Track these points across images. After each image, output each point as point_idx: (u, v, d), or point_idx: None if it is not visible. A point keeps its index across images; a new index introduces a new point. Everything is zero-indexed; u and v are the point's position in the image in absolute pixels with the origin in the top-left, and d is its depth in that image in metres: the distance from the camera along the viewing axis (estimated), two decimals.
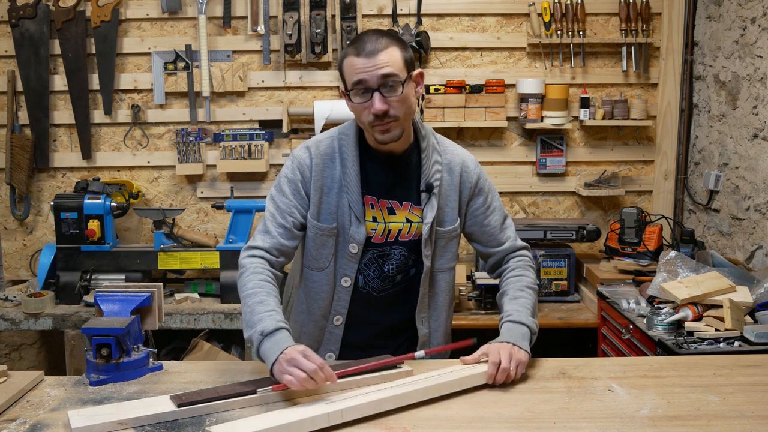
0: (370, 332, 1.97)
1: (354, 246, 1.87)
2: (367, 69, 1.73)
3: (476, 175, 1.96)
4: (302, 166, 1.88)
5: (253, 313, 1.71)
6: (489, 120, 3.60)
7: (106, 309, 1.86)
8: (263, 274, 1.80)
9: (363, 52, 1.73)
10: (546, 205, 3.80)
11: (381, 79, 1.73)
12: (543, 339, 3.67)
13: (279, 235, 1.86)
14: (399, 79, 1.75)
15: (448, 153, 1.95)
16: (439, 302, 1.99)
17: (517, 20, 3.65)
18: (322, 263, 1.90)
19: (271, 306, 1.72)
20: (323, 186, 1.87)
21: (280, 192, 1.90)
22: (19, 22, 3.55)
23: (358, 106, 1.77)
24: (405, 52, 1.79)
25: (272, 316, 1.69)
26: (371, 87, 1.74)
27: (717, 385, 1.73)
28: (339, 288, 1.91)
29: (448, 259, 1.97)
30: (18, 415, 1.62)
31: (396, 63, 1.75)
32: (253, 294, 1.75)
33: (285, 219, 1.86)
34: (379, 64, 1.73)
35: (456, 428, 1.52)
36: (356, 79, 1.74)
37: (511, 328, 1.81)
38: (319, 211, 1.87)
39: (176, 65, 3.61)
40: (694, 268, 2.59)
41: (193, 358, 3.26)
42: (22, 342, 3.86)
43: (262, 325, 1.66)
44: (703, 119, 3.53)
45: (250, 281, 1.78)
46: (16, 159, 3.60)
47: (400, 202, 1.90)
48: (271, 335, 1.65)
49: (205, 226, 3.77)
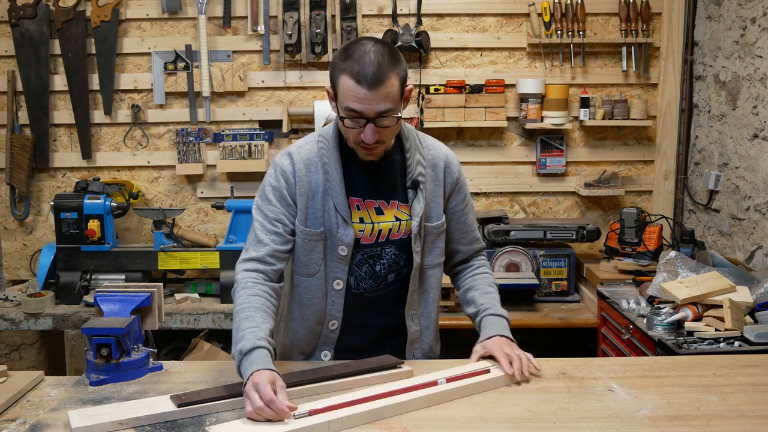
0: (365, 335, 1.97)
1: (343, 248, 1.87)
2: (366, 101, 1.69)
3: (458, 171, 1.99)
4: (285, 173, 1.87)
5: (238, 330, 1.70)
6: (489, 120, 3.60)
7: (106, 309, 1.86)
8: (254, 289, 1.78)
9: (364, 80, 1.67)
10: (546, 205, 3.81)
11: (377, 113, 1.71)
12: (543, 339, 3.69)
13: (272, 241, 1.84)
14: (395, 113, 1.74)
15: (431, 150, 1.96)
16: (429, 299, 1.99)
17: (517, 20, 3.65)
18: (312, 269, 1.89)
19: (255, 322, 1.70)
20: (308, 191, 1.86)
21: (266, 201, 1.88)
22: (19, 22, 3.55)
23: (347, 127, 1.76)
24: (402, 76, 1.73)
25: (254, 333, 1.67)
26: (366, 118, 1.72)
27: (717, 385, 1.73)
28: (332, 292, 1.91)
29: (436, 255, 1.97)
30: (18, 415, 1.62)
31: (394, 96, 1.71)
32: (240, 310, 1.74)
33: (275, 226, 1.85)
34: (378, 98, 1.68)
35: (456, 428, 1.52)
36: (352, 107, 1.71)
37: (496, 321, 1.89)
38: (306, 216, 1.86)
39: (176, 65, 3.61)
40: (694, 268, 2.59)
41: (193, 358, 3.26)
42: (22, 342, 3.86)
43: (242, 344, 1.65)
44: (703, 119, 3.53)
45: (240, 296, 1.77)
46: (16, 159, 3.60)
47: (387, 201, 1.90)
48: (248, 354, 1.63)
49: (205, 226, 3.77)
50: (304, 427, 1.46)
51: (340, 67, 1.72)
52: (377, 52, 1.69)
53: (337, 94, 1.74)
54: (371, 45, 1.71)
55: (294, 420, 1.48)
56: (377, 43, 1.72)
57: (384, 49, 1.71)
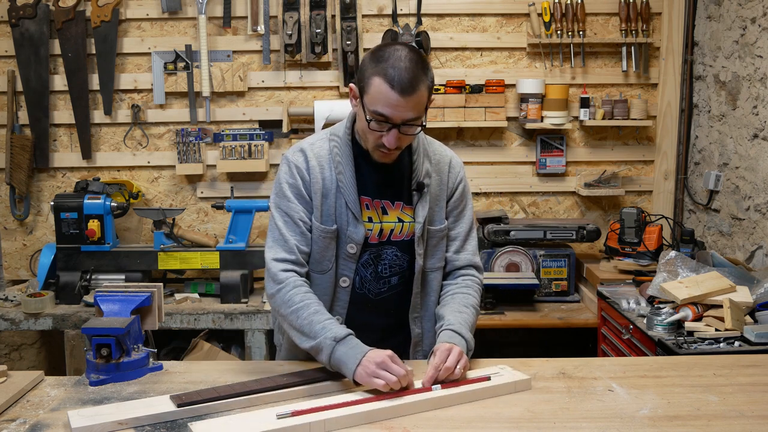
0: (366, 334, 1.97)
1: (353, 246, 1.88)
2: (396, 107, 1.71)
3: (460, 177, 2.00)
4: (300, 169, 1.87)
5: (312, 324, 1.74)
6: (489, 120, 3.60)
7: (106, 309, 1.86)
8: (305, 287, 1.82)
9: (399, 86, 1.69)
10: (546, 205, 3.80)
11: (405, 120, 1.74)
12: (543, 339, 3.70)
13: (298, 242, 1.86)
14: (420, 122, 1.77)
15: (437, 153, 1.97)
16: (430, 302, 1.99)
17: (517, 20, 3.65)
18: (325, 266, 1.90)
19: (327, 315, 1.77)
20: (322, 188, 1.87)
21: (284, 198, 1.88)
22: (19, 22, 3.55)
23: (371, 129, 1.77)
24: (430, 85, 1.77)
25: (336, 324, 1.74)
26: (393, 123, 1.74)
27: (717, 385, 1.73)
28: (338, 289, 1.92)
29: (438, 259, 1.98)
30: (18, 415, 1.62)
31: (422, 105, 1.75)
32: (304, 306, 1.77)
33: (298, 225, 1.86)
34: (408, 106, 1.72)
35: (456, 428, 1.52)
36: (382, 111, 1.73)
37: (453, 336, 1.79)
38: (321, 213, 1.87)
39: (176, 65, 3.61)
40: (694, 268, 2.59)
41: (193, 358, 3.26)
42: (22, 342, 3.86)
43: (331, 332, 1.70)
44: (703, 119, 3.53)
45: (296, 295, 1.79)
46: (16, 159, 3.60)
47: (392, 201, 1.91)
48: (344, 341, 1.69)
49: (205, 226, 3.77)
50: (284, 428, 1.46)
51: (374, 68, 1.73)
52: (411, 60, 1.72)
53: (366, 94, 1.75)
54: (406, 51, 1.74)
55: (276, 420, 1.48)
56: (411, 51, 1.75)
57: (417, 57, 1.74)
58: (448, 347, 1.73)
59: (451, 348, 1.73)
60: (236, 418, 1.52)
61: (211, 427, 1.48)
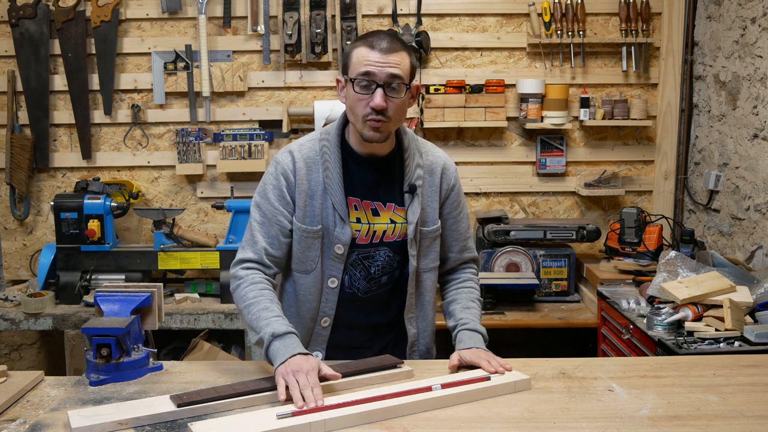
0: (356, 333, 1.99)
1: (339, 247, 1.88)
2: (378, 64, 1.76)
3: (454, 179, 2.01)
4: (286, 171, 1.89)
5: (260, 319, 1.75)
6: (489, 120, 3.60)
7: (106, 309, 1.86)
8: (262, 284, 1.84)
9: (378, 47, 1.77)
10: (546, 205, 3.80)
11: (389, 77, 1.77)
12: (543, 339, 3.70)
13: (268, 245, 1.88)
14: (404, 82, 1.79)
15: (430, 155, 1.98)
16: (425, 302, 2.01)
17: (517, 20, 3.65)
18: (308, 266, 1.91)
19: (276, 312, 1.77)
20: (308, 189, 1.88)
21: (265, 199, 1.91)
22: (19, 22, 3.55)
23: (358, 96, 1.78)
24: (413, 61, 1.84)
25: (280, 321, 1.74)
26: (377, 82, 1.76)
27: (717, 385, 1.73)
28: (326, 289, 1.93)
29: (432, 259, 1.99)
30: (18, 415, 1.62)
31: (405, 68, 1.80)
32: (256, 302, 1.79)
33: (272, 227, 1.89)
34: (390, 62, 1.76)
35: (456, 428, 1.52)
36: (365, 70, 1.76)
37: (472, 335, 1.89)
38: (304, 214, 1.88)
39: (176, 65, 3.61)
40: (694, 268, 2.59)
41: (193, 358, 3.26)
42: (22, 342, 3.86)
43: (272, 328, 1.71)
44: (703, 119, 3.53)
45: (251, 291, 1.82)
46: (16, 159, 3.60)
47: (384, 203, 1.92)
48: (281, 337, 1.70)
49: (205, 226, 3.77)
50: (284, 428, 1.46)
51: (354, 45, 1.82)
52: (390, 33, 1.82)
53: (349, 68, 1.80)
54: (386, 32, 1.84)
55: (276, 420, 1.48)
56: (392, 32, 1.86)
57: (397, 35, 1.85)
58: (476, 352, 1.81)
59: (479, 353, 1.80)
60: (236, 418, 1.52)
61: (211, 427, 1.48)
